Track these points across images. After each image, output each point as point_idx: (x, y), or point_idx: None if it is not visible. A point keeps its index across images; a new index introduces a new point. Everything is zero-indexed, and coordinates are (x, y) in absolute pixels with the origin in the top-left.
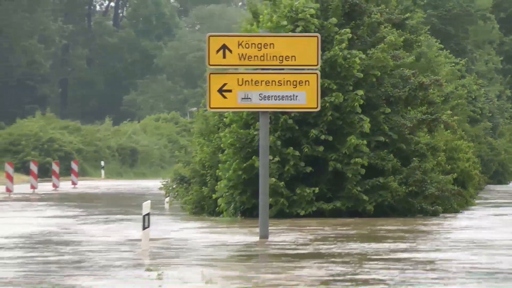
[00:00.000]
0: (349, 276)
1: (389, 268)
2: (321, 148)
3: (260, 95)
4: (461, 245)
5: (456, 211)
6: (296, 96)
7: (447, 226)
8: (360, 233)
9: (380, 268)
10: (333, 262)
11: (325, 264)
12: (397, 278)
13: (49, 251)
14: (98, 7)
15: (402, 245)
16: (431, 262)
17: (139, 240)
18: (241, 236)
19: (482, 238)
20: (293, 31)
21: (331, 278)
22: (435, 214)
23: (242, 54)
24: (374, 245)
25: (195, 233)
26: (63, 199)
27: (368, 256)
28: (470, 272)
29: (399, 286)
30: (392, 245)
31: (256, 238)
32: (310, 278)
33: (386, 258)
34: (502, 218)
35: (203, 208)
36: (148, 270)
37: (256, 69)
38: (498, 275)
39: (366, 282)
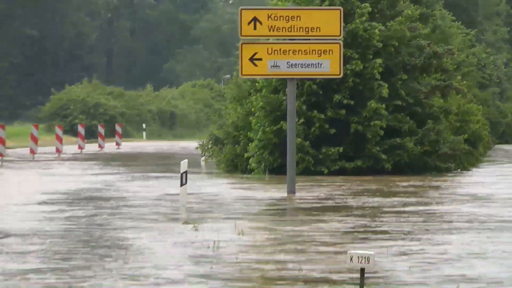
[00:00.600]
0: (367, 228)
1: (400, 221)
2: (343, 112)
3: (288, 63)
4: (465, 198)
5: (467, 169)
6: (321, 64)
7: (456, 182)
8: (378, 188)
9: (394, 221)
10: (353, 215)
11: (346, 217)
12: (407, 229)
13: (94, 206)
14: None
15: (413, 199)
16: (437, 214)
17: (177, 195)
18: (270, 192)
19: (486, 193)
20: (320, 5)
21: (351, 229)
22: (447, 171)
23: (271, 26)
24: (389, 199)
25: (228, 189)
26: (108, 159)
27: (383, 209)
28: (472, 223)
29: (410, 235)
30: (405, 200)
31: (284, 194)
32: (332, 230)
33: (399, 211)
34: (507, 175)
35: (236, 166)
36: (185, 223)
37: (284, 39)
38: (496, 225)
39: (384, 232)
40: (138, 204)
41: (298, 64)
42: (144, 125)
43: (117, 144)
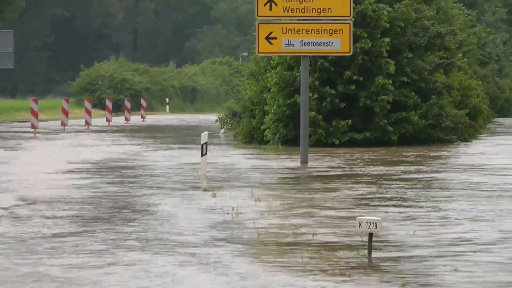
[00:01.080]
0: (375, 195)
1: (405, 188)
2: (353, 87)
3: (301, 41)
4: (466, 167)
5: (468, 140)
6: (332, 42)
7: (458, 153)
8: (385, 158)
9: (400, 188)
10: (362, 182)
11: (355, 185)
12: (409, 194)
13: (120, 174)
14: None
15: (417, 168)
16: (440, 181)
17: (198, 164)
18: (284, 161)
19: (485, 162)
20: None
21: (360, 196)
22: (449, 142)
23: (286, 7)
24: (395, 168)
25: (245, 159)
26: (134, 131)
27: (390, 177)
28: (471, 190)
29: (414, 202)
30: (410, 168)
31: (297, 164)
32: (342, 197)
33: (405, 178)
34: (504, 146)
35: (252, 138)
36: (205, 190)
37: (298, 19)
38: (493, 193)
39: (390, 199)
40: (161, 173)
41: (311, 42)
42: (167, 100)
43: (142, 117)
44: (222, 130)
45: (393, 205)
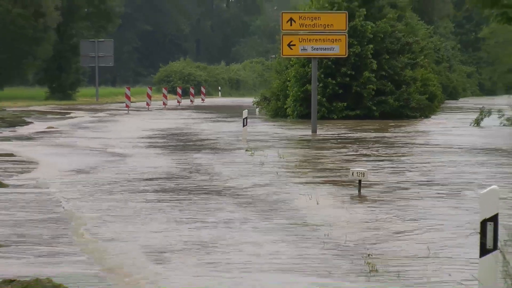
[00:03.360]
0: (366, 153)
1: (389, 148)
2: (348, 79)
3: (312, 47)
4: (428, 133)
5: (428, 116)
6: (333, 48)
7: (418, 124)
8: (371, 128)
9: (385, 148)
10: (355, 144)
11: (350, 146)
12: (393, 153)
13: (181, 138)
14: None
15: (395, 134)
16: (414, 143)
17: (240, 132)
18: (300, 130)
19: (440, 129)
20: (330, 8)
21: (354, 153)
22: (415, 118)
23: (302, 23)
24: (379, 134)
25: (273, 128)
26: (196, 108)
27: (377, 140)
28: (436, 147)
29: (396, 158)
30: (390, 134)
31: (309, 132)
32: (341, 154)
33: (388, 141)
34: (450, 119)
35: (277, 114)
36: (246, 150)
37: (310, 32)
38: (448, 149)
39: (378, 155)
40: (214, 138)
41: (319, 48)
42: (219, 87)
43: (202, 99)
44: (257, 109)
45: (381, 160)
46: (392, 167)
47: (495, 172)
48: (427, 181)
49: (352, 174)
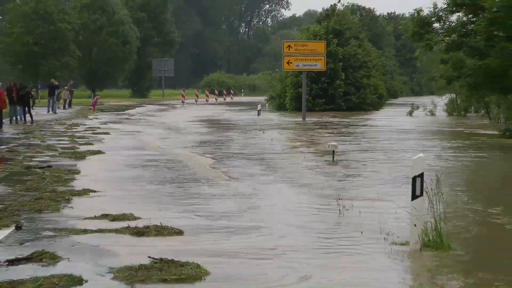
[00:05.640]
0: (340, 133)
1: (355, 129)
2: (325, 85)
3: (303, 64)
4: (380, 119)
5: (378, 109)
6: (316, 64)
7: (372, 114)
8: (343, 115)
9: (352, 130)
10: (332, 128)
11: (330, 129)
12: (359, 132)
13: (213, 124)
14: (242, 28)
15: (358, 120)
16: (371, 126)
17: (255, 119)
18: (294, 118)
19: (387, 116)
20: (314, 39)
21: (332, 133)
22: (370, 110)
23: (296, 48)
24: (347, 119)
25: (276, 116)
26: (227, 104)
27: (347, 125)
28: (386, 129)
29: (360, 136)
30: (354, 120)
31: (300, 119)
32: (323, 133)
33: (354, 124)
34: (393, 111)
35: (280, 108)
36: (259, 130)
37: (301, 54)
38: (392, 129)
39: (349, 134)
40: (235, 122)
41: (307, 64)
42: (242, 90)
43: (231, 98)
44: (267, 104)
45: (350, 139)
46: (353, 141)
47: (419, 145)
48: (375, 149)
49: (329, 146)
